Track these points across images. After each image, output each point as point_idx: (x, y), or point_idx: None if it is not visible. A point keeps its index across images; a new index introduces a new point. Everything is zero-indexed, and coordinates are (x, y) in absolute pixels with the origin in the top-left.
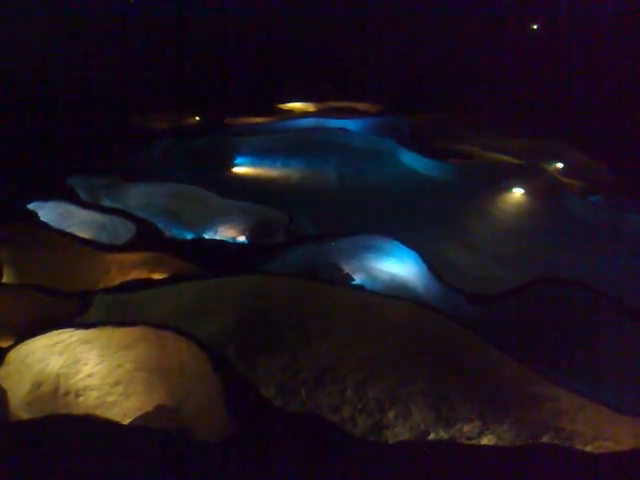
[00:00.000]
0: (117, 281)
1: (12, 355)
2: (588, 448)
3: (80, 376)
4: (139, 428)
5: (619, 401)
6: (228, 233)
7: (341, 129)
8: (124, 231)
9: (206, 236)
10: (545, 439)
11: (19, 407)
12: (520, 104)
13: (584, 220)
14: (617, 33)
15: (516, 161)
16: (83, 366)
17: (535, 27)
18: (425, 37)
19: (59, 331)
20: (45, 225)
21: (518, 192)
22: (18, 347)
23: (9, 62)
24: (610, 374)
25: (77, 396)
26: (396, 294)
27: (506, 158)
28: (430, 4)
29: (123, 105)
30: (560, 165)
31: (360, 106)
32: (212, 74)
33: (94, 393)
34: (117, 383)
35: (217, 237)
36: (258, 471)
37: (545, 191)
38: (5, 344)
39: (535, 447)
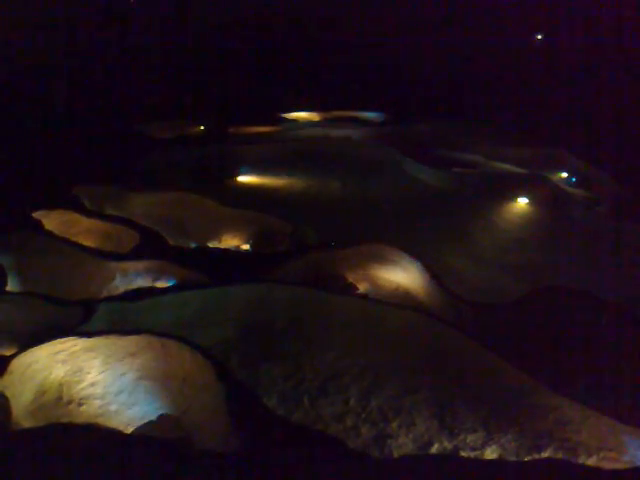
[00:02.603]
0: (121, 289)
1: (15, 363)
2: (593, 459)
3: (83, 385)
4: (142, 437)
5: (623, 410)
6: (232, 242)
7: (345, 138)
8: (128, 239)
9: (210, 245)
10: (549, 450)
11: (22, 415)
12: (523, 112)
13: (588, 229)
14: (618, 40)
15: (520, 170)
16: (86, 375)
17: (539, 37)
18: (428, 46)
19: (62, 339)
20: (50, 233)
21: (522, 201)
22: (21, 355)
23: (10, 68)
24: (614, 383)
25: (80, 405)
26: (400, 303)
27: (510, 167)
28: (433, 12)
29: (127, 114)
30: (564, 174)
31: (364, 116)
32: (216, 83)
33: (97, 402)
34: (120, 392)
35: (221, 246)
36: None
37: (549, 200)
38: (8, 352)
39: (539, 462)
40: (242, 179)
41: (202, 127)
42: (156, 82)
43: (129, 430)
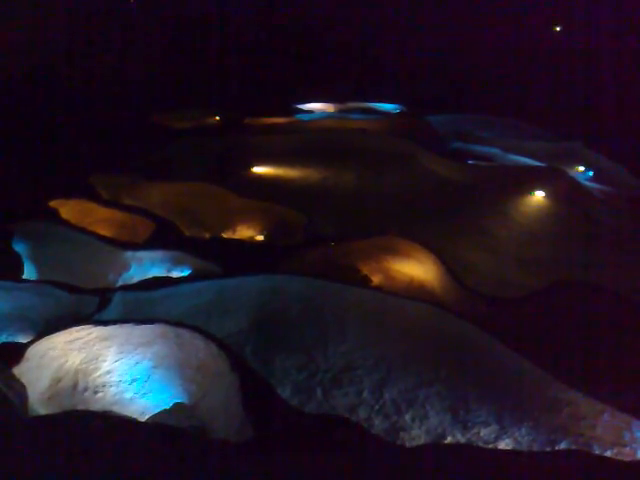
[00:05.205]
0: (136, 279)
1: (32, 351)
2: (607, 454)
3: (99, 373)
4: (156, 425)
5: (638, 405)
6: (247, 233)
7: (361, 130)
8: (143, 229)
9: (224, 236)
10: (563, 444)
11: (38, 402)
12: (541, 105)
13: (605, 222)
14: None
15: (537, 164)
16: (102, 363)
17: (558, 29)
18: (445, 38)
19: (78, 328)
20: (66, 222)
21: (539, 195)
22: (38, 343)
23: (28, 61)
24: (629, 377)
25: (95, 392)
26: (414, 296)
27: (527, 161)
28: (451, 5)
29: (144, 104)
30: (581, 168)
31: (380, 107)
32: (232, 74)
33: (112, 390)
34: (135, 380)
35: (235, 237)
36: (274, 470)
37: (566, 194)
38: (25, 340)
39: (553, 453)
40: (257, 170)
41: (218, 117)
42: (172, 72)
43: (144, 418)
